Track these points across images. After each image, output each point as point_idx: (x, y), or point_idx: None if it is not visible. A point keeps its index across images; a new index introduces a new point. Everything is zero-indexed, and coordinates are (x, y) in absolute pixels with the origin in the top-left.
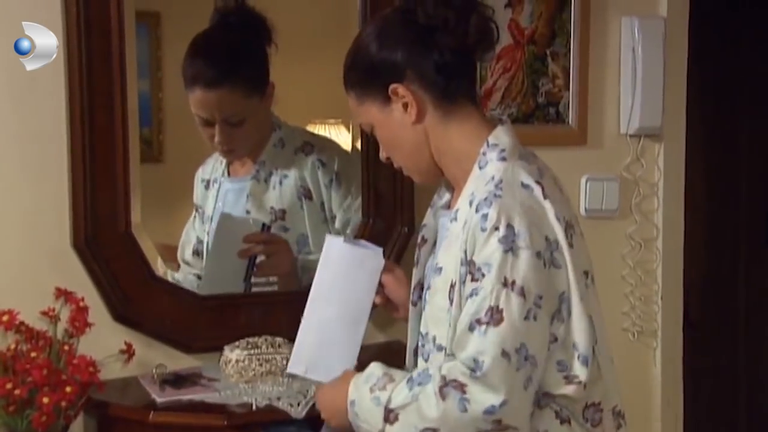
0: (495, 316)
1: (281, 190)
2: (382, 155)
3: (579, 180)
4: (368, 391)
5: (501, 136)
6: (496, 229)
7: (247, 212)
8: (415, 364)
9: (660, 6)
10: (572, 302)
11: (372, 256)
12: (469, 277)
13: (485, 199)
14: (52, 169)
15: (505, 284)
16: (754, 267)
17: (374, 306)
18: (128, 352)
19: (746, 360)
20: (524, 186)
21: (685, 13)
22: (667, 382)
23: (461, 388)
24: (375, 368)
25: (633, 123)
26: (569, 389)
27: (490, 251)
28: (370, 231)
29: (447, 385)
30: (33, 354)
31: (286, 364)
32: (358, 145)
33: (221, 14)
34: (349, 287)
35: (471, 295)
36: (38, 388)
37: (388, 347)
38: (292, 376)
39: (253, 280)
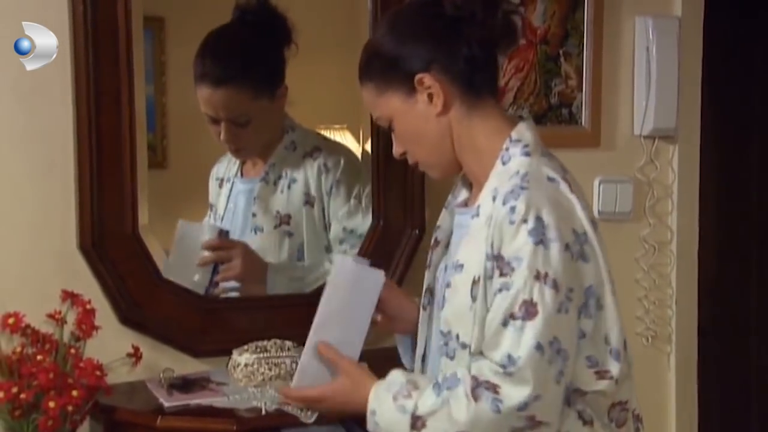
0: (530, 309)
1: (289, 194)
2: (397, 151)
3: (592, 182)
4: (391, 400)
5: (524, 132)
6: (525, 221)
7: (253, 215)
8: (423, 371)
9: (674, 5)
10: (605, 295)
11: (373, 275)
12: (497, 272)
13: (511, 191)
14: (58, 170)
15: (537, 277)
16: (765, 271)
17: (373, 324)
18: (135, 355)
19: (758, 365)
20: (550, 180)
21: (699, 13)
22: (681, 388)
23: (493, 388)
24: (397, 375)
25: (647, 124)
26: (602, 384)
27: (520, 244)
28: (380, 234)
29: (479, 386)
30: (39, 357)
31: (296, 367)
32: (368, 147)
33: (240, 11)
34: (354, 307)
35: (500, 290)
36: (44, 392)
37: (383, 353)
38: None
39: (221, 286)
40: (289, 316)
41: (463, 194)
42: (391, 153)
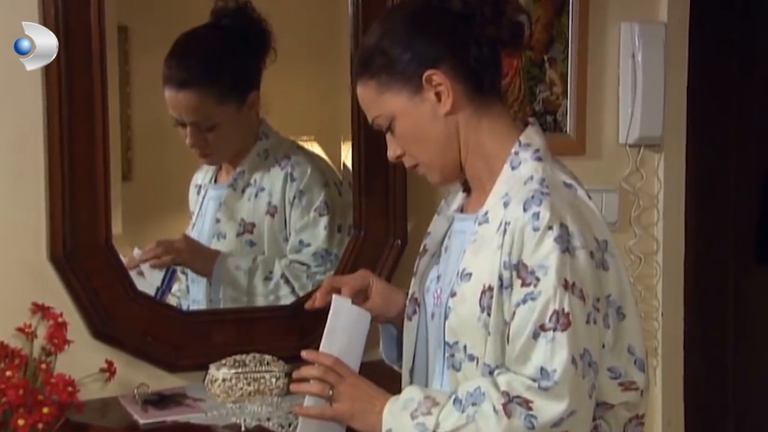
0: (561, 320)
1: (255, 202)
2: (394, 153)
3: None
4: (409, 418)
5: (533, 136)
6: (550, 228)
7: (217, 221)
8: (411, 382)
9: (660, 11)
10: (627, 304)
11: (364, 314)
12: (518, 282)
13: (532, 197)
14: (28, 177)
15: (566, 286)
16: (743, 283)
17: None
18: (109, 370)
19: (735, 378)
20: (567, 186)
21: (685, 19)
22: (668, 402)
23: (526, 404)
24: (413, 392)
25: (633, 132)
26: (628, 396)
27: (546, 252)
28: (361, 243)
29: (511, 401)
30: (8, 373)
31: (275, 382)
32: (347, 161)
33: (217, 15)
34: (352, 346)
35: (525, 301)
36: (13, 410)
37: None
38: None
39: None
40: (268, 329)
41: (458, 200)
42: (373, 162)
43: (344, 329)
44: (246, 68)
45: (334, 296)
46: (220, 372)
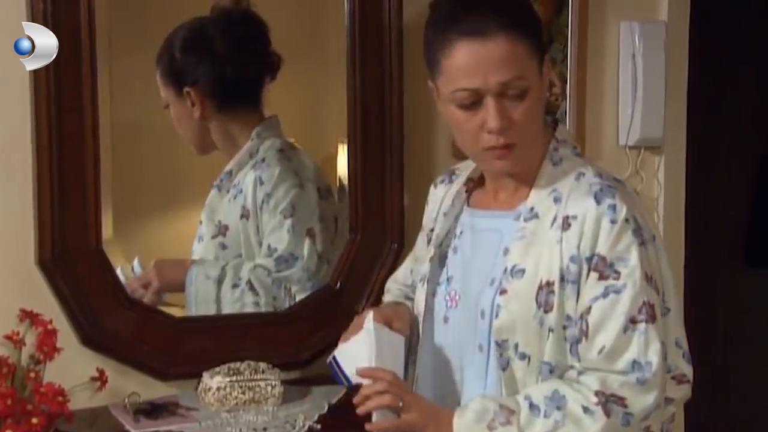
0: (650, 312)
1: (233, 204)
2: (508, 122)
3: None
4: (486, 429)
5: (565, 133)
6: (627, 220)
7: (200, 222)
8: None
9: (660, 10)
10: (671, 298)
11: (399, 338)
12: (593, 275)
13: (601, 190)
14: (15, 179)
15: (647, 278)
16: (734, 287)
17: None
18: (101, 379)
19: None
20: (617, 181)
21: (685, 18)
22: None
23: (621, 402)
24: (485, 402)
25: (633, 134)
26: (684, 389)
27: (626, 244)
28: (357, 247)
29: (608, 401)
30: None
31: (271, 391)
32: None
33: (217, 13)
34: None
35: (606, 295)
36: (1, 420)
37: None
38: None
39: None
40: (263, 336)
41: (460, 198)
42: (369, 164)
43: (388, 354)
44: (220, 63)
45: (373, 324)
46: (214, 380)
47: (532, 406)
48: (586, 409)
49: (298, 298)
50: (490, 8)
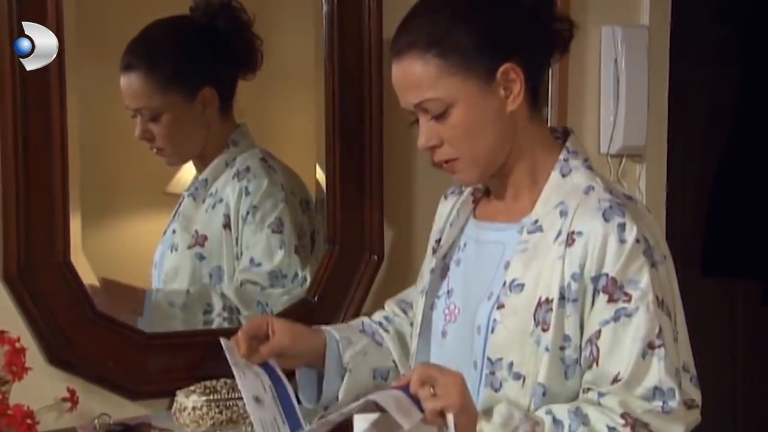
0: (664, 336)
1: (212, 214)
2: (429, 142)
3: None
4: None
5: (578, 143)
6: (638, 240)
7: (173, 231)
8: None
9: (642, 14)
10: (679, 321)
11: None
12: (602, 297)
13: (610, 207)
14: None
15: (659, 303)
16: (688, 298)
17: None
18: (71, 400)
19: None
20: (628, 198)
21: (666, 22)
22: None
23: (646, 427)
24: (509, 408)
25: (615, 142)
26: (694, 414)
27: (638, 266)
28: (336, 259)
29: (635, 424)
30: None
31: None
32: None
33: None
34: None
35: (617, 318)
36: None
37: None
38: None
39: None
40: None
41: (466, 208)
42: (348, 174)
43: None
44: (200, 61)
45: (233, 366)
46: (189, 399)
47: (556, 421)
48: (612, 429)
49: (275, 311)
50: (410, 27)
